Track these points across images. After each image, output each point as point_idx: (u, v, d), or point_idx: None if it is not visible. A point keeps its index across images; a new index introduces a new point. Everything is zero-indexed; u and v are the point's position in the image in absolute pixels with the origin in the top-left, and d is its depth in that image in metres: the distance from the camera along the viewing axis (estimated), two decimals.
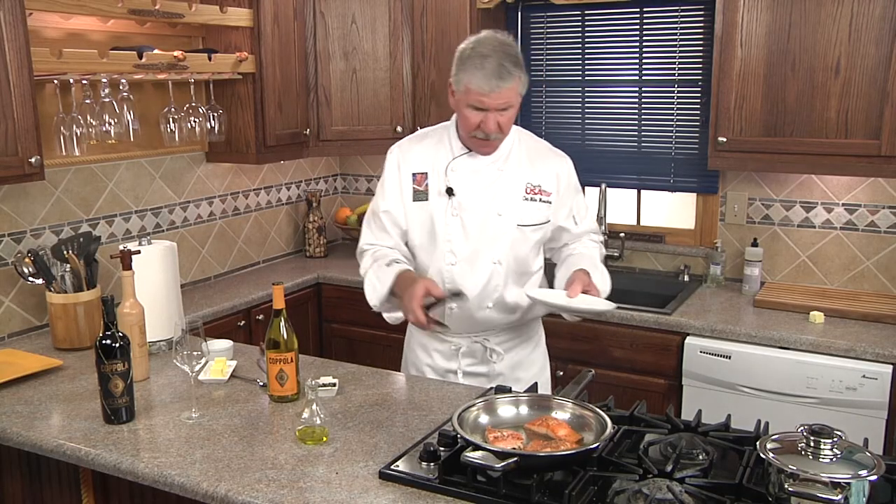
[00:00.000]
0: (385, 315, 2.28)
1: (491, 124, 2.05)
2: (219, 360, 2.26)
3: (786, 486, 1.42)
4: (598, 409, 1.73)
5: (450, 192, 2.17)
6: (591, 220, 2.36)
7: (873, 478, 1.40)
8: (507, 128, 2.10)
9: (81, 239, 2.62)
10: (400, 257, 2.19)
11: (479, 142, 2.12)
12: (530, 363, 2.38)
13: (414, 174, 2.22)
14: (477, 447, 1.54)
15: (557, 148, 2.33)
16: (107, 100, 2.70)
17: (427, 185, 2.20)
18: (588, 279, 2.07)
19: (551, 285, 2.25)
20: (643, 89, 3.49)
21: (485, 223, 2.18)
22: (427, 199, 2.19)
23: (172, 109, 3.00)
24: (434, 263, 2.22)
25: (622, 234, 3.53)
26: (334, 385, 2.11)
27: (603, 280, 2.18)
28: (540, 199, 2.21)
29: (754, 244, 3.23)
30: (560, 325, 2.62)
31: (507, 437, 1.64)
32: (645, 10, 3.41)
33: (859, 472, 1.40)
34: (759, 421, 1.80)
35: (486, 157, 2.18)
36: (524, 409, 1.79)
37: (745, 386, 2.77)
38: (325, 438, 1.82)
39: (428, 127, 2.35)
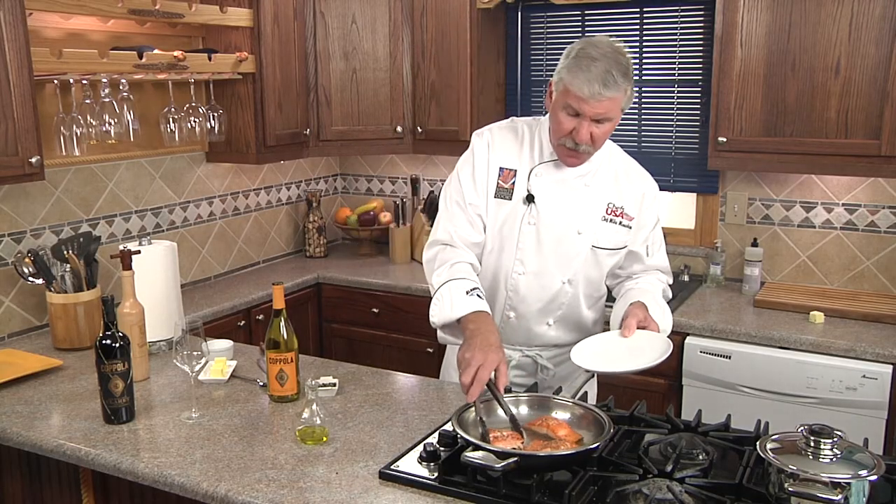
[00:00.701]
0: (439, 334, 2.07)
1: (584, 134, 1.88)
2: (219, 360, 2.26)
3: (786, 486, 1.42)
4: (598, 409, 1.73)
5: (530, 198, 2.01)
6: (663, 256, 2.19)
7: (873, 478, 1.40)
8: (599, 142, 1.94)
9: (81, 239, 2.62)
10: (478, 281, 1.98)
11: (567, 151, 1.96)
12: (578, 375, 2.25)
13: (502, 168, 2.04)
14: (477, 447, 1.54)
15: None
16: (107, 100, 2.70)
17: (514, 183, 2.03)
18: (644, 313, 1.93)
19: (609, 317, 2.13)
20: (643, 89, 3.49)
21: (561, 239, 2.04)
22: (510, 199, 2.03)
23: (172, 109, 3.00)
24: (500, 270, 2.09)
25: None
26: (334, 385, 2.11)
27: (664, 317, 2.01)
28: (620, 223, 2.07)
29: (754, 244, 3.23)
30: None
31: (507, 437, 1.64)
32: (645, 10, 3.41)
33: (859, 472, 1.40)
34: (759, 421, 1.80)
35: (573, 167, 2.03)
36: (524, 409, 1.79)
37: (745, 386, 2.77)
38: (325, 438, 1.82)
39: (520, 118, 2.15)
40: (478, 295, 1.90)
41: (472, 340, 1.79)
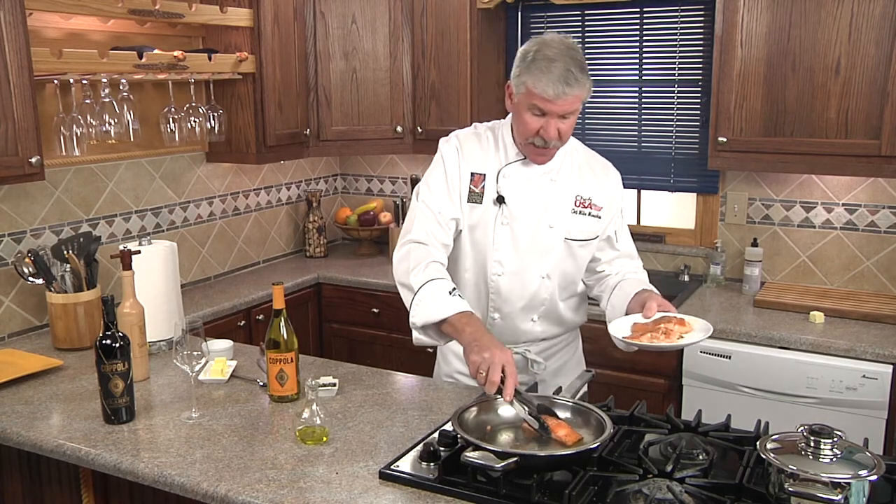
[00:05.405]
0: (415, 336, 1.99)
1: (552, 131, 1.93)
2: (219, 360, 2.26)
3: (786, 486, 1.42)
4: (598, 409, 1.73)
5: (500, 199, 2.05)
6: (630, 241, 2.24)
7: (873, 478, 1.40)
8: (566, 136, 1.98)
9: (81, 239, 2.62)
10: (451, 281, 1.95)
11: (536, 150, 2.00)
12: (570, 368, 2.31)
13: (473, 174, 2.08)
14: (477, 447, 1.55)
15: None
16: (107, 100, 2.70)
17: (483, 187, 2.07)
18: (659, 296, 1.97)
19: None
20: (643, 89, 3.49)
21: (535, 235, 2.08)
22: (481, 203, 2.07)
23: (172, 109, 3.00)
24: (479, 273, 2.12)
25: None
26: (334, 385, 2.11)
27: None
28: (589, 213, 2.11)
29: (754, 244, 3.23)
30: None
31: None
32: (645, 10, 3.41)
33: (859, 472, 1.40)
34: (759, 421, 1.80)
35: (539, 165, 2.07)
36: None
37: (745, 386, 2.77)
38: (325, 438, 1.82)
39: (480, 123, 2.19)
40: (459, 295, 1.89)
41: (480, 340, 1.77)
